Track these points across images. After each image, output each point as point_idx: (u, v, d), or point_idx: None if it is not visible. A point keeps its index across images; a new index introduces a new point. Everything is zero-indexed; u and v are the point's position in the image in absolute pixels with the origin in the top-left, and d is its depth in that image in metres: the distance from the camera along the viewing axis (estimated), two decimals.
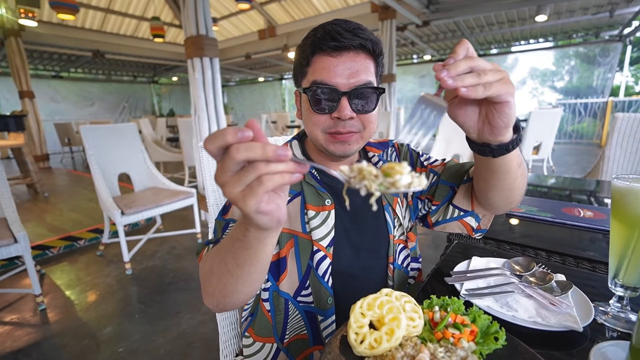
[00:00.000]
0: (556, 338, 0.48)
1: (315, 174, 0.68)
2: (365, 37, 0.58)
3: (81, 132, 2.34)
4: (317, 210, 0.65)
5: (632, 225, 0.46)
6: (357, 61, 0.58)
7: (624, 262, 0.48)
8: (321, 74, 0.58)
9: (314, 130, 0.62)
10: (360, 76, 0.58)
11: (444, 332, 0.44)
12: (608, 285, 0.52)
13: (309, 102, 0.60)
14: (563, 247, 0.77)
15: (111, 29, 8.04)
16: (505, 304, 0.53)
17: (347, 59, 0.57)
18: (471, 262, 0.67)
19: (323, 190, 0.66)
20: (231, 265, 0.43)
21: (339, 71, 0.57)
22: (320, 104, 0.59)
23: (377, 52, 0.60)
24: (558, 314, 0.49)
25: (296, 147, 0.71)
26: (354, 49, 0.58)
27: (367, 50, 0.59)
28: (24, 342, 1.61)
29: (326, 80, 0.57)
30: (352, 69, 0.57)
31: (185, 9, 2.78)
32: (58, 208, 3.70)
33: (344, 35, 0.56)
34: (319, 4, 7.07)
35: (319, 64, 0.58)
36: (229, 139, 0.29)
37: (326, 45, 0.57)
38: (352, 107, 0.58)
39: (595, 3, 5.72)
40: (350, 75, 0.57)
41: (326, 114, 0.59)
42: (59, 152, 8.85)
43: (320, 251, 0.63)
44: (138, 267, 2.37)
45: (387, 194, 0.70)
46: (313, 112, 0.60)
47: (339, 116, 0.58)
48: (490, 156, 0.50)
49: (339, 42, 0.56)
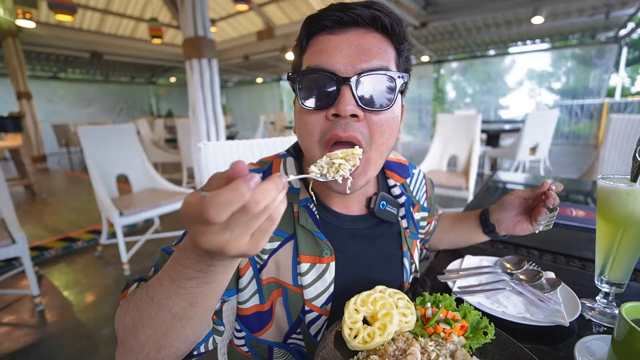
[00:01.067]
0: (544, 333, 0.49)
1: (313, 211, 0.53)
2: (381, 9, 0.44)
3: (79, 133, 2.34)
4: (312, 262, 0.52)
5: (616, 224, 0.48)
6: (366, 38, 0.44)
7: (609, 259, 0.50)
8: (317, 57, 0.44)
9: (310, 143, 0.46)
10: (372, 58, 0.43)
11: (435, 327, 0.46)
12: (595, 282, 0.53)
13: (299, 99, 0.45)
14: (555, 246, 0.78)
15: (109, 30, 8.03)
16: (496, 300, 0.54)
17: (353, 36, 0.43)
18: (464, 261, 0.68)
19: (321, 237, 0.52)
20: (179, 307, 0.33)
21: (341, 50, 0.43)
22: (311, 97, 0.44)
23: (398, 32, 0.45)
24: (546, 310, 0.51)
25: (291, 167, 0.56)
26: (364, 23, 0.43)
27: (383, 27, 0.44)
28: (22, 343, 1.61)
29: (322, 64, 0.43)
30: (359, 47, 0.43)
31: (183, 10, 2.79)
32: (56, 209, 3.70)
33: (352, 6, 0.43)
34: (316, 5, 7.09)
35: (315, 46, 0.45)
36: (247, 196, 0.23)
37: (326, 20, 0.43)
38: (357, 101, 0.42)
39: (591, 5, 5.77)
40: (356, 55, 0.43)
41: (322, 111, 0.44)
42: (56, 153, 8.82)
43: (312, 311, 0.53)
44: (136, 268, 2.37)
45: (408, 239, 0.61)
46: (304, 111, 0.45)
47: (337, 112, 0.42)
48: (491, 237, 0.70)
49: (343, 12, 0.43)
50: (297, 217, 0.52)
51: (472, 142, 2.89)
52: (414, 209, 0.64)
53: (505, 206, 0.64)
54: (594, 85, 8.04)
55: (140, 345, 0.36)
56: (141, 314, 0.35)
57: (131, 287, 0.44)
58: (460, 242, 0.76)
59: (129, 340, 0.37)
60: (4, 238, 1.70)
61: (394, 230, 0.61)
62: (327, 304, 0.53)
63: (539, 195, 0.60)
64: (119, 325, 0.38)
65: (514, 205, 0.63)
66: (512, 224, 0.64)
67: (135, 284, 0.45)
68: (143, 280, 0.45)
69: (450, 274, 0.63)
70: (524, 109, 8.89)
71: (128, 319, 0.37)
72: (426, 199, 0.69)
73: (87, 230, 2.92)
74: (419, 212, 0.66)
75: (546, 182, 0.58)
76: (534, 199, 0.62)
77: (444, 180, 2.73)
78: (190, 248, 0.30)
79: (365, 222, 0.57)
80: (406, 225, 0.61)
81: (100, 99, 11.98)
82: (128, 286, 0.46)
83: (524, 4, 5.27)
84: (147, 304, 0.34)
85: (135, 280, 0.46)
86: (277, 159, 0.56)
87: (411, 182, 0.66)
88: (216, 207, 0.22)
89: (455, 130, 3.04)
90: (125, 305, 0.39)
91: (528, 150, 4.24)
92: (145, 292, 0.35)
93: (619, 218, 0.47)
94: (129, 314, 0.37)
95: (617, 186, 0.47)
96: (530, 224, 0.62)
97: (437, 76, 10.15)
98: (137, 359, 0.36)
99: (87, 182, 5.33)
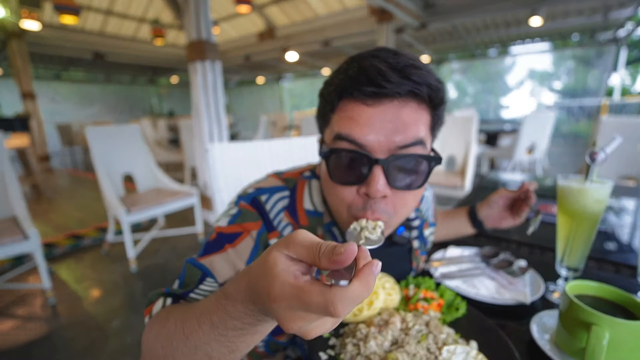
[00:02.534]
0: (511, 311, 0.57)
1: (335, 235, 0.55)
2: (421, 81, 0.40)
3: (87, 134, 2.42)
4: None
5: (571, 217, 0.56)
6: (404, 112, 0.41)
7: (567, 247, 0.58)
8: (348, 126, 0.42)
9: (338, 204, 0.47)
10: (407, 133, 0.41)
11: (416, 305, 0.53)
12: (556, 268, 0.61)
13: (327, 169, 0.45)
14: (532, 239, 0.86)
15: (111, 31, 8.12)
16: (472, 284, 0.62)
17: (388, 109, 0.41)
18: (447, 251, 0.76)
19: None
20: (218, 352, 0.32)
21: (375, 124, 0.41)
22: (342, 173, 0.43)
23: (436, 100, 0.43)
24: (513, 292, 0.59)
25: (316, 191, 0.55)
26: (401, 96, 0.41)
27: (421, 98, 0.42)
28: (37, 334, 1.69)
29: (354, 137, 0.41)
30: (394, 122, 0.41)
31: (187, 14, 2.87)
32: (61, 207, 3.78)
33: (388, 76, 0.39)
34: (317, 7, 7.17)
35: (346, 112, 0.42)
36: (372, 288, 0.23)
37: (359, 91, 0.40)
38: (390, 181, 0.42)
39: (590, 6, 5.83)
40: (390, 131, 0.41)
41: (351, 186, 0.44)
42: (59, 153, 8.92)
43: None
44: (142, 264, 2.46)
45: (418, 257, 0.67)
46: (333, 182, 0.45)
47: (368, 192, 0.42)
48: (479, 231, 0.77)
49: (379, 87, 0.39)
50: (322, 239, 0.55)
51: (469, 143, 2.96)
52: (424, 227, 0.69)
53: (491, 204, 0.73)
54: (593, 85, 8.10)
55: None
56: (174, 349, 0.33)
57: (157, 303, 0.43)
58: (450, 236, 0.83)
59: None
60: (18, 234, 1.79)
61: (405, 250, 0.65)
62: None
63: (520, 194, 0.69)
64: (147, 348, 0.37)
65: (499, 203, 0.72)
66: (497, 219, 0.73)
67: (161, 300, 0.43)
68: (170, 295, 0.44)
69: (434, 262, 0.71)
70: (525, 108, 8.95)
71: (158, 346, 0.35)
72: (433, 215, 0.74)
73: (93, 228, 3.00)
74: (429, 229, 0.71)
75: (525, 184, 0.67)
76: (516, 197, 0.70)
77: (442, 180, 2.81)
78: (242, 300, 0.28)
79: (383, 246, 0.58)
80: (417, 246, 0.66)
81: (103, 99, 12.08)
82: (151, 301, 0.44)
83: (522, 5, 5.34)
84: (181, 341, 0.33)
85: (159, 294, 0.44)
86: (302, 181, 0.56)
87: (423, 204, 0.69)
88: (347, 303, 0.21)
89: (452, 131, 3.11)
90: (156, 329, 0.37)
91: (525, 150, 4.32)
92: (181, 327, 0.33)
93: (573, 212, 0.55)
94: (159, 342, 0.35)
95: (571, 184, 0.54)
96: (513, 219, 0.71)
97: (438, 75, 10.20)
98: None
99: (91, 181, 5.42)
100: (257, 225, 0.50)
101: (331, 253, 0.22)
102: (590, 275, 0.66)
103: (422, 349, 0.43)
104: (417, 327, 0.47)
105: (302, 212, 0.54)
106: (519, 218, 0.69)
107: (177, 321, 0.35)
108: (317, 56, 9.51)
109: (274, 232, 0.52)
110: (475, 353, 0.42)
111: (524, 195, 0.68)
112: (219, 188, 0.96)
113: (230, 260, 0.48)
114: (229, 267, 0.48)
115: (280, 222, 0.52)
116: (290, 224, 0.53)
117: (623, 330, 0.38)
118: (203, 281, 0.45)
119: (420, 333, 0.46)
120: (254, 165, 1.02)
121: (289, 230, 0.52)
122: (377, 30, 5.89)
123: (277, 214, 0.52)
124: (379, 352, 0.43)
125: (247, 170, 1.00)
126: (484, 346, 0.45)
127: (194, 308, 0.34)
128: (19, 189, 2.06)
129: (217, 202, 0.95)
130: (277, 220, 0.52)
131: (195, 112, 3.01)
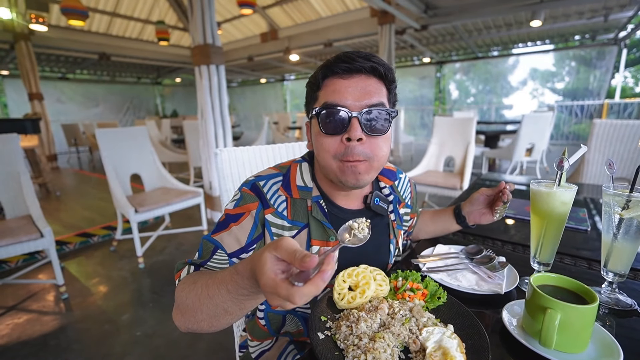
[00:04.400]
0: (488, 300, 0.64)
1: (322, 205, 0.68)
2: (377, 62, 0.59)
3: (96, 135, 2.51)
4: (321, 245, 0.67)
5: (542, 217, 0.63)
6: (369, 83, 0.59)
7: (538, 244, 0.65)
8: (332, 96, 0.59)
9: (326, 157, 0.62)
10: (372, 97, 0.59)
11: (403, 294, 0.61)
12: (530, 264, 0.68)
13: (319, 126, 0.60)
14: (515, 238, 0.93)
15: (117, 32, 8.23)
16: (455, 277, 0.70)
17: (358, 81, 0.59)
18: (435, 248, 0.83)
19: (329, 226, 0.66)
20: (232, 308, 0.46)
21: (350, 92, 0.58)
22: (330, 125, 0.59)
23: (389, 77, 0.62)
24: (491, 284, 0.66)
25: (306, 171, 0.71)
26: (366, 72, 0.59)
27: (379, 74, 0.60)
28: (51, 327, 1.78)
29: (337, 101, 0.58)
30: (363, 89, 0.59)
31: (192, 19, 2.95)
32: (70, 206, 3.89)
33: (356, 58, 0.58)
34: (320, 8, 7.24)
35: (330, 87, 0.60)
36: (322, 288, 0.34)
37: (338, 67, 0.59)
38: (363, 128, 0.58)
39: (590, 8, 5.86)
40: (361, 95, 0.58)
41: (337, 136, 0.60)
42: (66, 152, 9.05)
43: None
44: (149, 261, 2.55)
45: (395, 229, 0.78)
46: (323, 134, 0.60)
47: (349, 136, 0.58)
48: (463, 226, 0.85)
49: (350, 63, 0.58)
50: (311, 210, 0.67)
51: (468, 144, 3.02)
52: (399, 206, 0.80)
53: (473, 202, 0.81)
54: (594, 86, 8.11)
55: (197, 321, 0.50)
56: (200, 304, 0.48)
57: (183, 270, 0.60)
58: (438, 232, 0.92)
59: (188, 315, 0.51)
60: (33, 232, 1.88)
61: (384, 222, 0.76)
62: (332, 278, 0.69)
63: (498, 192, 0.76)
64: (180, 300, 0.53)
65: (479, 201, 0.80)
66: (478, 215, 0.81)
67: (185, 268, 0.60)
68: (192, 264, 0.61)
69: (423, 257, 0.78)
70: (527, 109, 8.97)
71: (189, 302, 0.50)
72: (410, 198, 0.84)
73: (102, 226, 3.10)
74: (404, 209, 0.82)
75: (502, 183, 0.75)
76: (494, 195, 0.78)
77: (440, 181, 2.86)
78: (248, 277, 0.41)
79: (363, 215, 0.72)
80: (394, 218, 0.78)
81: (107, 99, 12.21)
82: (179, 269, 0.61)
83: (523, 7, 5.38)
84: (206, 299, 0.47)
85: (184, 264, 0.61)
86: (294, 164, 0.72)
87: (398, 184, 0.82)
88: (302, 297, 0.33)
89: (451, 133, 3.17)
90: (187, 290, 0.52)
91: (524, 151, 4.37)
92: (206, 291, 0.48)
93: (543, 213, 0.62)
94: (190, 299, 0.50)
95: (540, 188, 0.62)
96: (492, 215, 0.79)
97: (440, 75, 10.24)
98: (193, 327, 0.52)
99: (98, 180, 5.53)
100: (255, 205, 0.65)
101: (301, 260, 0.34)
102: (564, 270, 0.73)
103: (405, 330, 0.51)
104: (402, 312, 0.54)
105: (295, 187, 0.69)
106: (496, 214, 0.77)
107: (203, 286, 0.49)
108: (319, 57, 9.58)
109: (270, 209, 0.66)
110: (450, 333, 0.50)
111: (500, 193, 0.75)
112: (227, 190, 1.04)
113: (235, 235, 0.63)
114: (234, 241, 0.63)
115: (277, 199, 0.67)
116: (285, 197, 0.67)
117: (572, 313, 0.46)
118: (215, 253, 0.61)
119: (404, 317, 0.54)
120: (259, 167, 1.09)
121: (283, 203, 0.67)
122: (379, 32, 5.95)
123: (272, 194, 0.67)
124: (368, 332, 0.50)
125: (253, 172, 1.07)
126: (460, 329, 0.53)
127: (215, 277, 0.48)
128: (33, 188, 2.15)
129: (224, 203, 1.03)
130: (273, 199, 0.67)
131: (202, 114, 3.10)
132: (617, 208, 0.58)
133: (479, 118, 9.15)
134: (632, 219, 0.57)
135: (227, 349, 1.60)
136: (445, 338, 0.49)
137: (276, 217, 0.66)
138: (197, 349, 1.61)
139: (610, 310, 0.60)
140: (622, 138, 2.08)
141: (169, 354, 1.58)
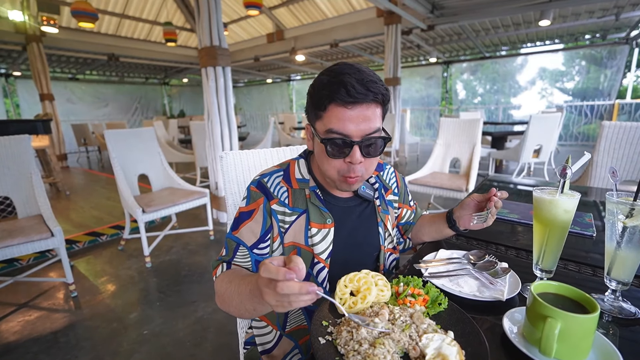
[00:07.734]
0: (491, 307, 0.64)
1: (319, 194, 0.78)
2: (377, 91, 0.65)
3: (105, 136, 2.56)
4: (319, 227, 0.75)
5: (544, 224, 0.63)
6: (368, 111, 0.66)
7: (541, 251, 0.65)
8: (337, 124, 0.65)
9: (330, 171, 0.71)
10: (371, 124, 0.66)
11: (404, 300, 0.61)
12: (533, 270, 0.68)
13: (325, 150, 0.68)
14: (519, 243, 0.93)
15: (125, 34, 8.35)
16: (457, 283, 0.70)
17: (360, 110, 0.65)
18: (438, 253, 0.84)
19: (325, 210, 0.76)
20: (249, 307, 0.58)
21: (353, 121, 0.65)
22: (335, 152, 0.68)
23: (385, 101, 0.69)
24: (493, 290, 0.66)
25: (303, 166, 0.80)
26: (367, 101, 0.65)
27: (378, 101, 0.67)
28: (61, 325, 1.82)
29: (341, 130, 0.65)
30: (364, 118, 0.66)
31: (199, 21, 2.98)
32: (79, 206, 3.96)
33: (357, 90, 0.63)
34: (326, 9, 7.24)
35: (334, 113, 0.66)
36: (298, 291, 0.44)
37: (341, 99, 0.64)
38: (362, 153, 0.67)
39: (601, 7, 5.76)
40: (362, 123, 0.66)
41: (340, 159, 0.69)
42: (75, 152, 9.21)
43: (319, 262, 0.75)
44: (156, 261, 2.58)
45: (381, 213, 0.86)
46: (328, 157, 0.69)
47: (351, 161, 0.67)
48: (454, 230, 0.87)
49: (353, 98, 0.64)
50: (309, 197, 0.77)
51: (474, 145, 3.00)
52: (386, 193, 0.90)
53: (463, 206, 0.82)
54: (604, 86, 7.97)
55: (230, 309, 0.64)
56: (231, 299, 0.62)
57: (218, 268, 0.72)
58: (435, 236, 0.93)
59: (224, 304, 0.65)
60: (44, 231, 1.92)
61: (371, 207, 0.85)
62: (329, 258, 0.76)
63: (488, 198, 0.76)
64: (220, 293, 0.67)
65: (470, 206, 0.81)
66: (468, 220, 0.82)
67: (220, 266, 0.72)
68: (223, 262, 0.73)
69: (425, 262, 0.78)
70: (535, 109, 8.84)
71: (226, 295, 0.64)
72: (397, 187, 0.93)
73: (110, 226, 3.15)
74: (391, 195, 0.91)
75: (492, 190, 0.75)
76: (485, 201, 0.78)
77: (446, 182, 2.85)
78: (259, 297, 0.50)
79: (353, 201, 0.83)
80: (379, 204, 0.86)
81: (116, 99, 12.39)
82: (214, 266, 0.74)
83: (531, 6, 5.31)
84: (237, 295, 0.60)
85: (218, 262, 0.74)
86: (293, 161, 0.82)
87: (384, 174, 0.92)
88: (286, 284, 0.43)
89: (457, 134, 3.15)
90: (225, 284, 0.66)
91: (532, 152, 4.31)
92: (237, 289, 0.61)
93: (545, 220, 0.62)
94: (226, 293, 0.64)
95: (543, 196, 0.62)
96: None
97: (447, 75, 10.16)
98: (229, 312, 0.65)
99: (106, 179, 5.62)
100: (262, 200, 0.75)
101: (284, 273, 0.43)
102: (567, 277, 0.72)
103: (405, 336, 0.51)
104: (402, 318, 0.55)
105: (294, 179, 0.79)
106: (473, 219, 0.79)
107: (235, 285, 0.63)
108: (325, 57, 9.58)
109: (274, 200, 0.76)
110: (450, 340, 0.50)
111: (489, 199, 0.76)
112: (232, 192, 1.05)
113: (251, 229, 0.74)
114: (251, 234, 0.73)
115: (279, 190, 0.77)
116: (286, 188, 0.77)
117: (572, 322, 0.46)
118: (238, 250, 0.72)
119: (404, 323, 0.54)
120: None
121: (285, 193, 0.77)
122: (385, 32, 5.93)
123: (275, 187, 0.77)
124: (369, 338, 0.51)
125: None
126: (460, 335, 0.53)
127: (244, 280, 0.61)
128: (44, 189, 2.20)
129: (230, 204, 1.05)
130: (275, 191, 0.76)
131: (208, 116, 3.13)
132: (620, 216, 0.57)
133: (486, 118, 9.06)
134: (636, 227, 0.57)
135: (232, 349, 1.62)
136: (445, 345, 0.49)
137: (280, 205, 0.76)
138: (203, 347, 1.63)
139: (614, 318, 0.60)
140: (631, 140, 2.04)
141: (175, 353, 1.60)
